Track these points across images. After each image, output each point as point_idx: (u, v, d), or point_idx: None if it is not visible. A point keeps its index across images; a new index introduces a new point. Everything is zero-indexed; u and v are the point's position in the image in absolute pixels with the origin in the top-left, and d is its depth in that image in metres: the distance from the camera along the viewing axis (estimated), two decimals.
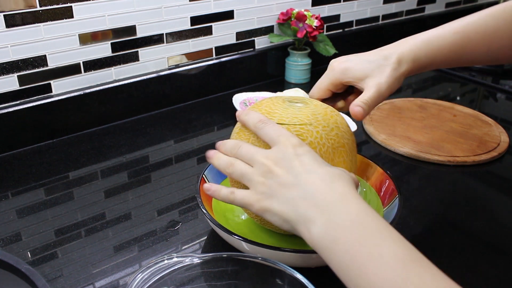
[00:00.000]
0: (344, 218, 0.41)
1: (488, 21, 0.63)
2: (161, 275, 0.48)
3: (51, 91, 0.88)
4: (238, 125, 0.58)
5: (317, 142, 0.53)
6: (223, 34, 1.07)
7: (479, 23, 0.63)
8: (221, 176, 0.68)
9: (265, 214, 0.47)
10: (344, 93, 0.65)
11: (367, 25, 1.35)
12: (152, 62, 0.99)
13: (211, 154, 0.54)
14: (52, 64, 0.87)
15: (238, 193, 0.50)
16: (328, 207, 0.43)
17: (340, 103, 0.64)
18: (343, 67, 0.61)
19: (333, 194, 0.44)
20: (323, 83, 0.63)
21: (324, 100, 0.64)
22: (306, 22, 1.09)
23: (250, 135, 0.55)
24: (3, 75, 0.82)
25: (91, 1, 0.87)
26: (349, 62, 0.62)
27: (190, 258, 0.49)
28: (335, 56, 1.13)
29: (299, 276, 0.47)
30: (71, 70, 0.89)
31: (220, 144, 0.54)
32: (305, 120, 0.54)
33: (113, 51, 0.93)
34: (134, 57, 0.96)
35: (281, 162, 0.47)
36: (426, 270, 0.37)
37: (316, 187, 0.44)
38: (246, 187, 0.50)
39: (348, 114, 0.62)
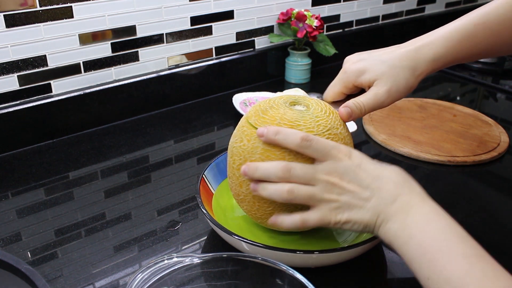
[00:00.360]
0: (418, 218, 0.46)
1: (509, 8, 0.59)
2: (161, 275, 0.48)
3: (51, 91, 0.88)
4: (256, 142, 0.54)
5: (345, 144, 0.55)
6: (223, 34, 1.07)
7: (499, 11, 0.60)
8: (221, 176, 0.69)
9: (344, 226, 0.50)
10: (359, 93, 0.63)
11: (367, 25, 1.35)
12: (152, 62, 0.99)
13: (255, 187, 0.52)
14: (52, 64, 0.87)
15: (311, 216, 0.51)
16: (405, 207, 0.47)
17: None
18: (355, 70, 0.60)
19: (406, 194, 0.48)
20: (336, 86, 0.63)
21: (337, 102, 0.64)
22: (306, 22, 1.09)
23: (283, 153, 0.52)
24: (3, 75, 0.82)
25: (91, 1, 0.87)
26: (362, 62, 0.60)
27: (190, 258, 0.49)
28: (335, 56, 1.14)
29: (299, 276, 0.47)
30: (71, 70, 0.89)
31: (257, 169, 0.51)
32: (327, 125, 0.55)
33: (113, 51, 0.93)
34: (134, 57, 0.96)
35: (346, 176, 0.49)
36: (489, 266, 0.40)
37: (390, 192, 0.48)
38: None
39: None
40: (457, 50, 0.60)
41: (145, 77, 0.97)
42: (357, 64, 0.60)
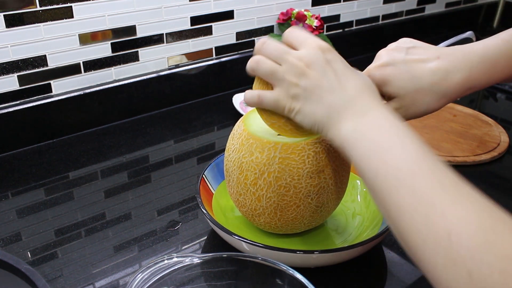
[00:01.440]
0: (374, 118, 0.44)
1: None
2: (161, 275, 0.48)
3: (51, 91, 0.88)
4: (271, 152, 0.53)
5: None
6: (223, 34, 1.07)
7: None
8: (221, 176, 0.69)
9: (296, 115, 0.49)
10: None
11: (367, 25, 1.35)
12: (152, 62, 0.99)
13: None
14: (52, 64, 0.87)
15: (267, 94, 0.50)
16: (362, 109, 0.45)
17: None
18: (381, 79, 0.55)
19: (366, 99, 0.46)
20: None
21: None
22: (306, 22, 1.09)
23: (303, 157, 0.52)
24: (3, 75, 0.82)
25: (91, 1, 0.87)
26: (389, 69, 0.55)
27: (190, 258, 0.49)
28: None
29: (299, 276, 0.47)
30: (71, 70, 0.89)
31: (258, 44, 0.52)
32: None
33: (113, 51, 0.93)
34: (134, 57, 0.96)
35: (313, 65, 0.47)
36: (438, 161, 0.40)
37: (350, 94, 0.46)
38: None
39: None
40: (492, 72, 0.55)
41: (145, 77, 0.97)
42: (385, 71, 0.55)
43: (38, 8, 0.82)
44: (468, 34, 0.85)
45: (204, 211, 0.58)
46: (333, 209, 0.59)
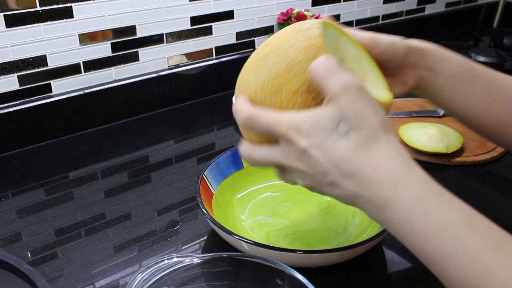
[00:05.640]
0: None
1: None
2: (161, 275, 0.48)
3: (51, 91, 0.88)
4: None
5: None
6: (223, 34, 1.07)
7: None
8: (221, 176, 0.69)
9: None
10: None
11: (367, 25, 1.35)
12: (152, 62, 0.99)
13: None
14: (52, 64, 0.87)
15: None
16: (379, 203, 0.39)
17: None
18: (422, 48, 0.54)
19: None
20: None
21: None
22: None
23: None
24: (3, 75, 0.82)
25: (91, 1, 0.87)
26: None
27: (190, 258, 0.49)
28: None
29: (299, 276, 0.47)
30: (71, 70, 0.89)
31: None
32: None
33: (113, 51, 0.93)
34: (134, 57, 0.96)
35: (301, 161, 0.42)
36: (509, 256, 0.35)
37: (352, 191, 0.40)
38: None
39: None
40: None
41: (145, 77, 0.97)
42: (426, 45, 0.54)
43: (38, 8, 0.82)
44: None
45: (204, 211, 0.58)
46: None
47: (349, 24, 1.30)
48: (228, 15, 1.06)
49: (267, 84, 0.45)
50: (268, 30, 1.14)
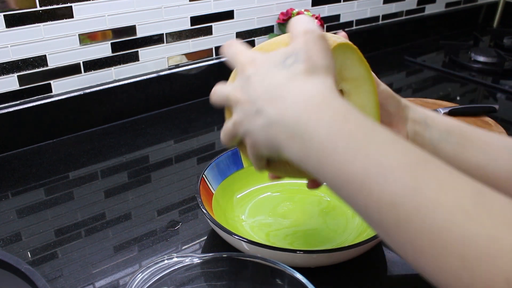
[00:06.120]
0: (318, 134, 0.35)
1: None
2: (161, 275, 0.48)
3: (51, 91, 0.88)
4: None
5: None
6: (223, 34, 1.07)
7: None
8: (221, 176, 0.69)
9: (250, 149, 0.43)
10: None
11: (367, 25, 1.35)
12: (152, 62, 0.99)
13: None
14: (52, 64, 0.87)
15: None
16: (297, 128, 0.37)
17: None
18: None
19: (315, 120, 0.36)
20: None
21: None
22: None
23: None
24: (3, 75, 0.82)
25: (91, 1, 0.87)
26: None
27: (190, 258, 0.49)
28: None
29: (299, 276, 0.47)
30: (71, 70, 0.89)
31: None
32: None
33: (113, 51, 0.93)
34: (134, 57, 0.96)
35: (242, 88, 0.42)
36: (438, 169, 0.31)
37: (289, 115, 0.37)
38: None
39: None
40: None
41: (145, 77, 0.97)
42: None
43: (38, 8, 0.82)
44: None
45: (204, 211, 0.58)
46: None
47: (349, 24, 1.31)
48: (228, 15, 1.06)
49: None
50: (268, 30, 1.14)
